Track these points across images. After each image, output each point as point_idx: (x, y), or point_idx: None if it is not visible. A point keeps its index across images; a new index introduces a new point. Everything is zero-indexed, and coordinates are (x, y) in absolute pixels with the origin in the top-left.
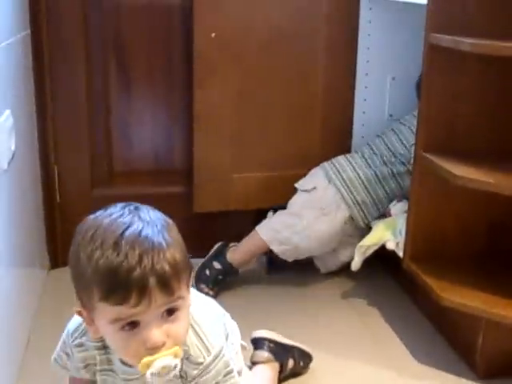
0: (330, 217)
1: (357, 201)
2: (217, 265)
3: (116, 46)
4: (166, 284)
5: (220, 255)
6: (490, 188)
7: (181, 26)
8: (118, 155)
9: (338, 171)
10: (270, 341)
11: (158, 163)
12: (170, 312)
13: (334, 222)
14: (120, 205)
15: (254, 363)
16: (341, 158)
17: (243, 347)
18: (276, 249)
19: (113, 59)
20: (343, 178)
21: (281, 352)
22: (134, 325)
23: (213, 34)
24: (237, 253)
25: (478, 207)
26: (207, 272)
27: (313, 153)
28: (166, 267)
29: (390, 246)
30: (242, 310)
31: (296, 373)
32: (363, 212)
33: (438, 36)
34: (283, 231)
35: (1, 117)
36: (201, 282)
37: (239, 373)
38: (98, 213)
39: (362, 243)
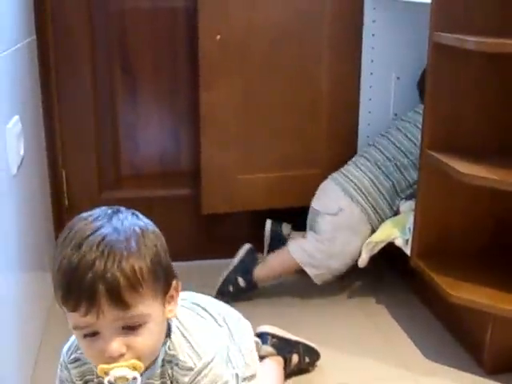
0: (360, 234)
1: (378, 214)
2: (242, 282)
3: (121, 49)
4: (117, 296)
5: (247, 271)
6: (495, 185)
7: (185, 28)
8: (125, 158)
9: (359, 188)
10: (273, 336)
11: (165, 166)
12: (131, 327)
13: (363, 237)
14: (104, 208)
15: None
16: (353, 170)
17: (256, 343)
18: (309, 271)
19: (118, 63)
20: (365, 196)
21: (284, 347)
22: (94, 333)
23: (218, 37)
24: (264, 270)
25: (483, 204)
26: (230, 288)
27: (319, 153)
28: (119, 277)
29: (399, 243)
30: (248, 308)
31: (302, 369)
32: (381, 220)
33: (441, 34)
34: (317, 255)
35: (9, 122)
36: (222, 296)
37: (253, 376)
38: (83, 214)
39: (370, 240)
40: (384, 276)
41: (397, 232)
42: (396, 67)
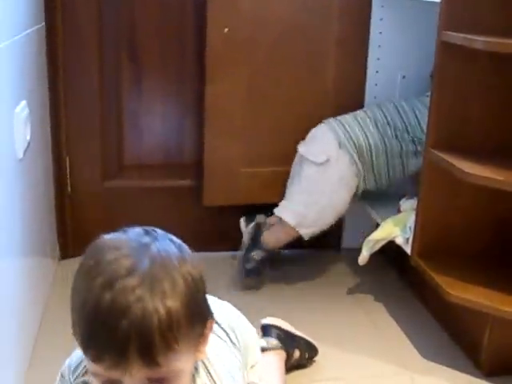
0: (348, 185)
1: (366, 171)
2: (257, 255)
3: (129, 39)
4: (150, 356)
5: (256, 242)
6: (499, 185)
7: (193, 20)
8: (129, 148)
9: (351, 138)
10: (279, 328)
11: (168, 157)
12: (159, 380)
13: (352, 187)
14: (135, 233)
15: (262, 350)
16: (352, 121)
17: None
18: (304, 233)
19: (126, 52)
20: (356, 147)
21: (288, 341)
22: (115, 382)
23: (225, 29)
24: (272, 240)
25: (485, 204)
26: (250, 265)
27: None
28: (155, 333)
29: (399, 241)
30: (246, 303)
31: (301, 364)
32: (365, 182)
33: (450, 34)
34: (309, 213)
35: (17, 107)
36: (248, 276)
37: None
38: (112, 237)
39: (370, 238)
40: (383, 274)
41: (398, 230)
42: (402, 66)
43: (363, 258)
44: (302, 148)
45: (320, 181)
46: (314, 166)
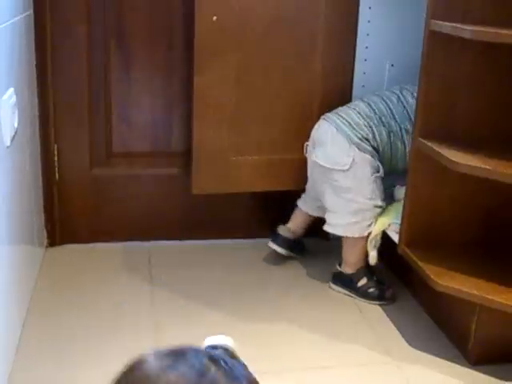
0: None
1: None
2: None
3: (117, 28)
4: None
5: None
6: (487, 174)
7: (182, 8)
8: (117, 136)
9: (360, 132)
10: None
11: (157, 145)
12: None
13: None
14: (192, 359)
15: None
16: (352, 113)
17: None
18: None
19: (114, 41)
20: (368, 140)
21: None
22: None
23: (214, 18)
24: (352, 259)
25: (474, 194)
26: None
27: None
28: None
29: (394, 228)
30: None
31: None
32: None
33: (438, 23)
34: (363, 216)
35: (4, 94)
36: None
37: None
38: (158, 365)
39: (371, 237)
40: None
41: (391, 218)
42: (390, 54)
43: (372, 257)
44: (320, 159)
45: (355, 183)
46: (342, 173)
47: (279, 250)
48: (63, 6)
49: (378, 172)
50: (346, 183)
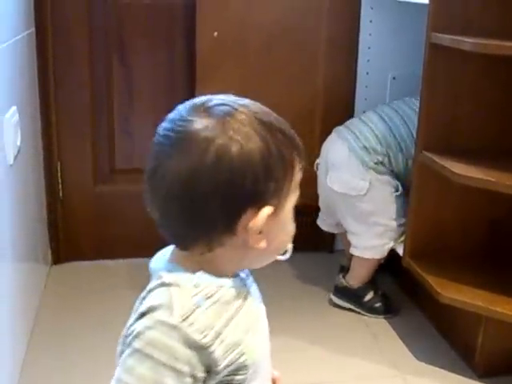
0: (395, 189)
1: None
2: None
3: (119, 44)
4: None
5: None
6: (490, 186)
7: (183, 24)
8: (120, 153)
9: (370, 154)
10: None
11: None
12: None
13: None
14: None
15: None
16: (367, 132)
17: None
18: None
19: (116, 57)
20: (380, 157)
21: None
22: None
23: (215, 33)
24: (355, 278)
25: (477, 205)
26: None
27: (313, 151)
28: None
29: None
30: None
31: None
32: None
33: (439, 35)
34: (389, 237)
35: (7, 113)
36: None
37: None
38: None
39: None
40: (376, 276)
41: None
42: (392, 67)
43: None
44: (335, 184)
45: (376, 206)
46: (360, 197)
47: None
48: (64, 22)
49: (398, 191)
50: (366, 207)
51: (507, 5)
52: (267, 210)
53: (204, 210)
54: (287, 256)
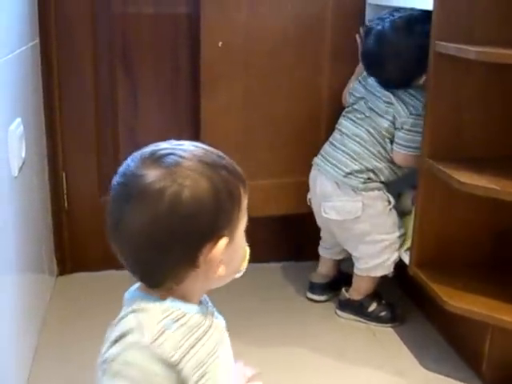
0: (390, 202)
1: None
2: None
3: (124, 54)
4: None
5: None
6: (496, 195)
7: (188, 35)
8: None
9: (357, 177)
10: None
11: None
12: None
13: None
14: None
15: None
16: (343, 159)
17: None
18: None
19: (120, 68)
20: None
21: None
22: None
23: (219, 43)
24: (357, 292)
25: (484, 214)
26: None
27: None
28: None
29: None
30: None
31: None
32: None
33: (443, 44)
34: (390, 254)
35: (11, 125)
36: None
37: None
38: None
39: (406, 247)
40: (382, 284)
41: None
42: None
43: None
44: (330, 214)
45: (372, 223)
46: (356, 220)
47: (317, 298)
48: (69, 33)
49: (390, 203)
50: (364, 228)
51: (511, 13)
52: (223, 242)
53: (168, 254)
54: (241, 273)
